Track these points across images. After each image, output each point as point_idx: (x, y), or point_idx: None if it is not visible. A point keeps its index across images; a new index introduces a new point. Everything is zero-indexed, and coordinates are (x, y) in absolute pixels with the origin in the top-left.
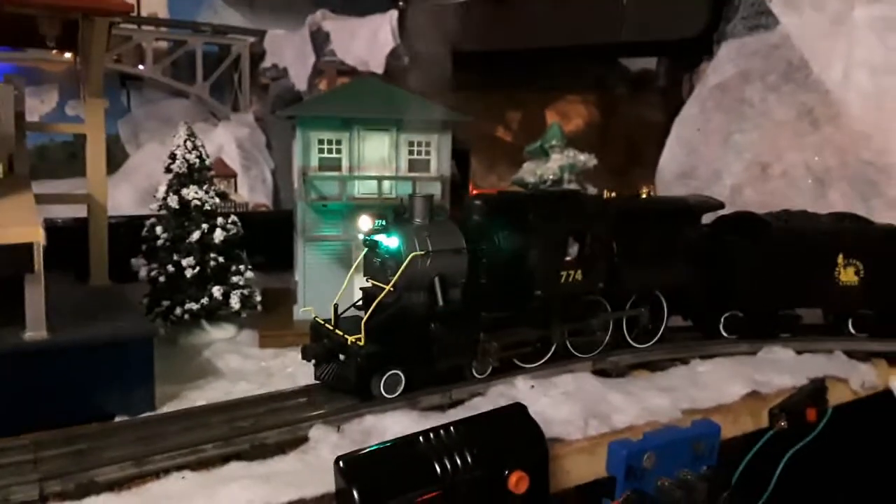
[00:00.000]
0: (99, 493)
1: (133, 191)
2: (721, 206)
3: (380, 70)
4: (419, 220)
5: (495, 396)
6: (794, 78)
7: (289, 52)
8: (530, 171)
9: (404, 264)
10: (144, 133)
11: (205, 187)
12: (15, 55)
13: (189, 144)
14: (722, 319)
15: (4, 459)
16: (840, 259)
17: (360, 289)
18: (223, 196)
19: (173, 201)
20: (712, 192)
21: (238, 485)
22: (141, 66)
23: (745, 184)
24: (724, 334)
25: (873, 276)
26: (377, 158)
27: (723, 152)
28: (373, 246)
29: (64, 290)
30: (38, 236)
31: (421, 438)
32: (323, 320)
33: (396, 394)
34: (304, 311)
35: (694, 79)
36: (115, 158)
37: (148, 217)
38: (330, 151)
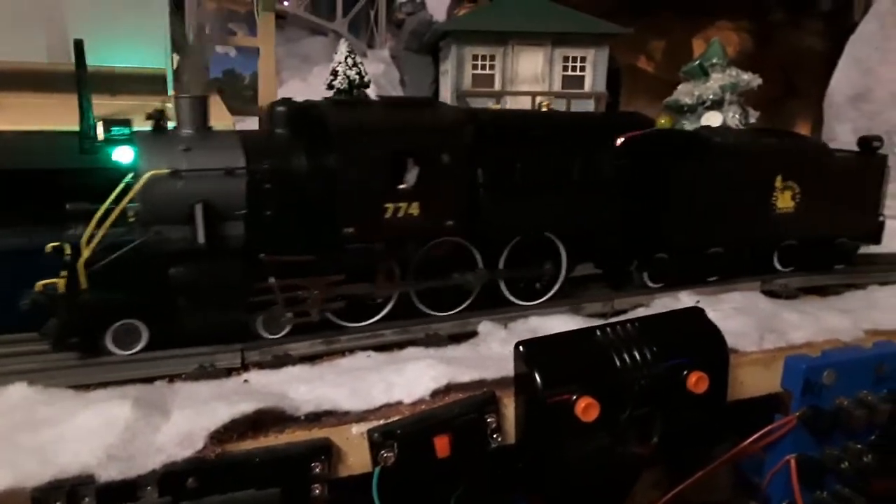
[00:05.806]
0: (294, 364)
1: None
2: (650, 123)
3: None
4: (187, 131)
5: (659, 308)
6: None
7: None
8: (687, 93)
9: (138, 185)
10: (286, 71)
11: None
12: None
13: (350, 61)
14: (649, 264)
15: None
16: (778, 181)
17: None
18: None
19: None
20: (889, 116)
21: (423, 363)
22: (285, 3)
23: None
24: (650, 284)
25: (808, 200)
26: (531, 75)
27: None
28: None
29: None
30: None
31: (598, 331)
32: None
33: (135, 350)
34: None
35: None
36: None
37: None
38: (483, 68)
